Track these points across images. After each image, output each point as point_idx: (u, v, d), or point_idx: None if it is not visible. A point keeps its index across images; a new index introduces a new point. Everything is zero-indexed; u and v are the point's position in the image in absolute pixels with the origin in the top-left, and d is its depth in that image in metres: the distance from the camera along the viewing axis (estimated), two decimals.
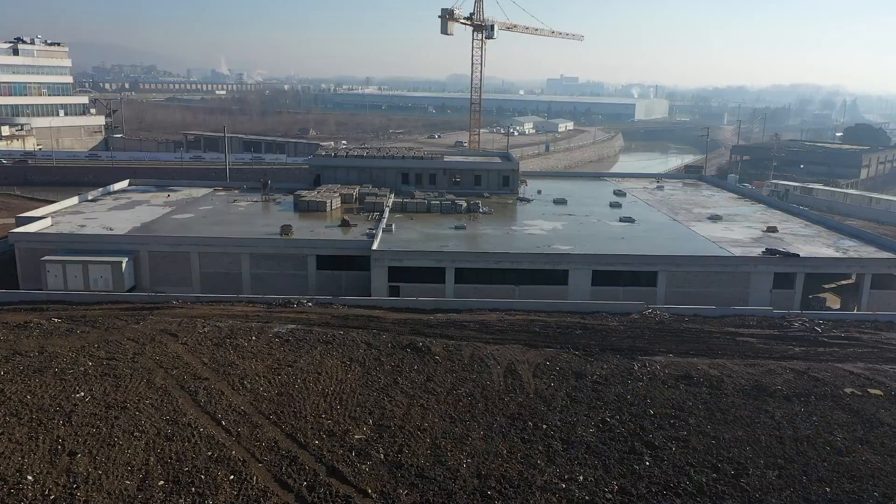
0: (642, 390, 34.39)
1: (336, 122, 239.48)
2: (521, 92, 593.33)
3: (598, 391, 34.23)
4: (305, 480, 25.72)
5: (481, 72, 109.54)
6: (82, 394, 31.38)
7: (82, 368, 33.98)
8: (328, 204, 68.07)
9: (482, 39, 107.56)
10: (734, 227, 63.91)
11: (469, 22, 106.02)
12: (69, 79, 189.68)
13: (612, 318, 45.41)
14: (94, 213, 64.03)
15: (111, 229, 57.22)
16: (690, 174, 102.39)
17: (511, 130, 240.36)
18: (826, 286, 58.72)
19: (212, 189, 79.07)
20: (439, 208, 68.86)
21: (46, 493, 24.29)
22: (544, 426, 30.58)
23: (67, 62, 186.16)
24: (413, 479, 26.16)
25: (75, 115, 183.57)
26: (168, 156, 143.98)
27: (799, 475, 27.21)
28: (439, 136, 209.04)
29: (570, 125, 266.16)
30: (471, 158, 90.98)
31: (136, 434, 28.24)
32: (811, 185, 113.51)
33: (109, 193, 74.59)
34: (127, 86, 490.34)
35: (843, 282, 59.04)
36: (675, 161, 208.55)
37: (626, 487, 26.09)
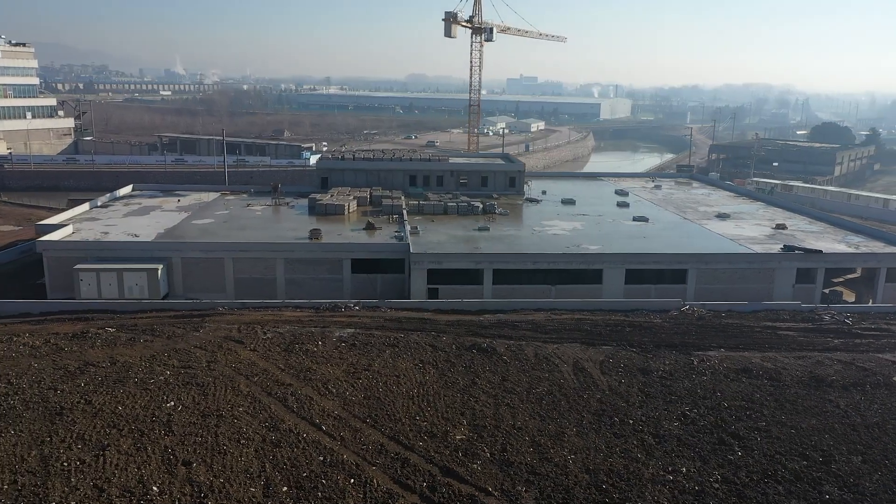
0: (709, 384, 35.85)
1: (311, 124, 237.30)
2: (484, 92, 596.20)
3: (668, 386, 35.56)
4: (424, 481, 26.34)
5: (480, 74, 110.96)
6: (172, 403, 31.31)
7: (161, 378, 33.82)
8: (346, 207, 68.18)
9: (481, 42, 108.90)
10: (744, 225, 66.25)
11: (470, 25, 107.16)
12: (36, 80, 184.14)
13: (653, 316, 46.93)
14: (110, 219, 62.89)
15: (137, 236, 56.39)
16: (682, 173, 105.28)
17: (486, 131, 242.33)
18: (834, 280, 61.39)
19: (219, 193, 78.22)
20: (456, 210, 69.57)
21: (175, 503, 24.39)
22: (630, 421, 31.74)
23: (34, 63, 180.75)
24: (527, 476, 27.01)
25: (43, 117, 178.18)
26: (148, 159, 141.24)
27: (881, 459, 28.95)
28: (415, 137, 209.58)
29: (542, 125, 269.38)
30: (473, 160, 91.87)
31: (243, 441, 28.42)
32: (791, 183, 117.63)
33: (117, 199, 73.25)
34: (81, 86, 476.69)
35: (850, 276, 61.86)
36: (649, 160, 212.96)
37: (728, 477, 27.42)
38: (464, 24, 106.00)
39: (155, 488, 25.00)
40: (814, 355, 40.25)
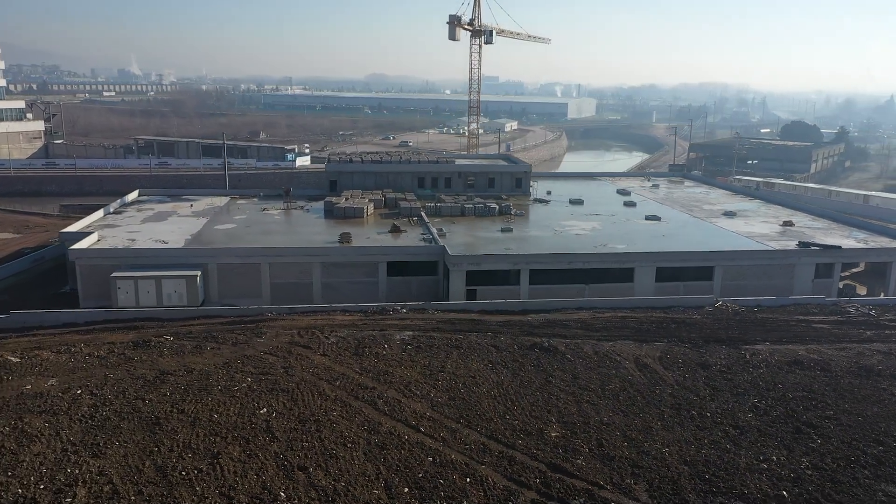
0: (767, 376, 37.52)
1: (286, 125, 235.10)
2: (447, 91, 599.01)
3: (730, 379, 37.11)
4: (536, 478, 27.22)
5: (479, 75, 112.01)
6: (265, 410, 31.53)
7: (244, 385, 33.94)
8: (365, 210, 68.49)
9: (480, 44, 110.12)
10: (753, 222, 68.74)
11: (471, 28, 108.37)
12: (2, 82, 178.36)
13: (691, 312, 48.62)
14: (129, 225, 62.01)
15: (166, 243, 55.84)
16: (675, 172, 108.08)
17: (461, 131, 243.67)
18: (841, 275, 64.15)
19: (228, 197, 77.60)
20: (473, 211, 70.50)
21: None
22: (707, 414, 33.13)
23: (0, 64, 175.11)
24: (630, 469, 28.10)
25: (11, 120, 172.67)
26: (130, 162, 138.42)
27: None
28: (393, 138, 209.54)
29: (515, 125, 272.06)
30: (476, 161, 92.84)
31: (349, 445, 28.86)
32: (772, 180, 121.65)
33: (127, 205, 72.04)
34: (35, 87, 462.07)
35: (854, 270, 64.74)
36: (627, 159, 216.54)
37: (816, 463, 28.96)
38: (465, 27, 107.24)
39: (282, 494, 25.33)
40: (853, 346, 42.36)
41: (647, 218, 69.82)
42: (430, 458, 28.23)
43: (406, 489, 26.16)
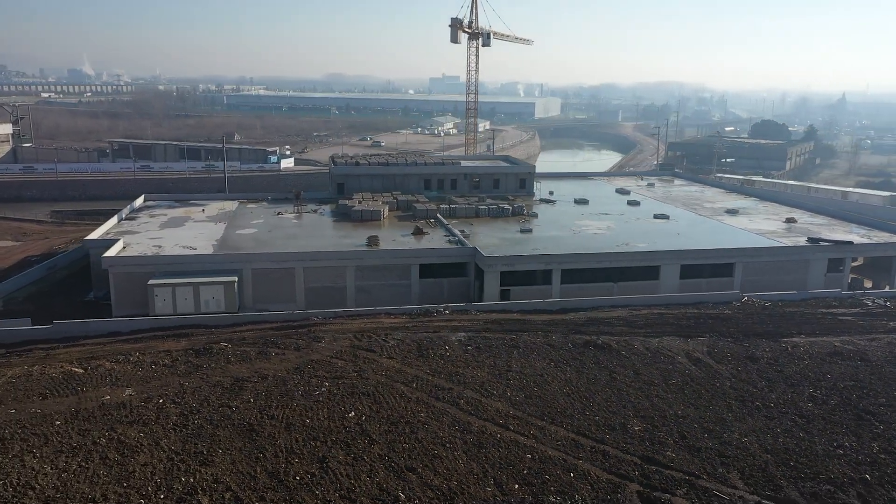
0: (814, 367, 39.44)
1: (260, 127, 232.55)
2: (411, 91, 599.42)
3: (780, 371, 38.90)
4: (634, 470, 28.36)
5: (476, 77, 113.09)
6: (353, 413, 31.98)
7: (323, 389, 34.29)
8: (382, 213, 68.90)
9: (477, 46, 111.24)
10: (756, 219, 71.34)
11: (469, 30, 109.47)
12: None
13: (722, 307, 50.48)
14: (148, 231, 61.19)
15: (194, 249, 55.41)
16: (664, 171, 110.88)
17: (437, 131, 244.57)
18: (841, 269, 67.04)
19: (237, 202, 77.01)
20: (487, 212, 71.52)
21: None
22: (771, 404, 34.78)
23: None
24: (721, 458, 29.45)
25: None
26: (112, 166, 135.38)
27: None
28: (370, 139, 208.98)
29: (488, 124, 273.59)
30: (481, 163, 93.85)
31: (448, 445, 29.56)
32: (752, 178, 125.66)
33: (136, 210, 70.91)
34: None
35: (854, 264, 67.73)
36: (602, 158, 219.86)
37: (886, 448, 30.78)
38: (466, 30, 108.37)
39: (401, 494, 25.92)
40: (882, 337, 44.68)
41: (655, 217, 71.80)
42: (529, 455, 29.12)
43: (516, 486, 27.01)
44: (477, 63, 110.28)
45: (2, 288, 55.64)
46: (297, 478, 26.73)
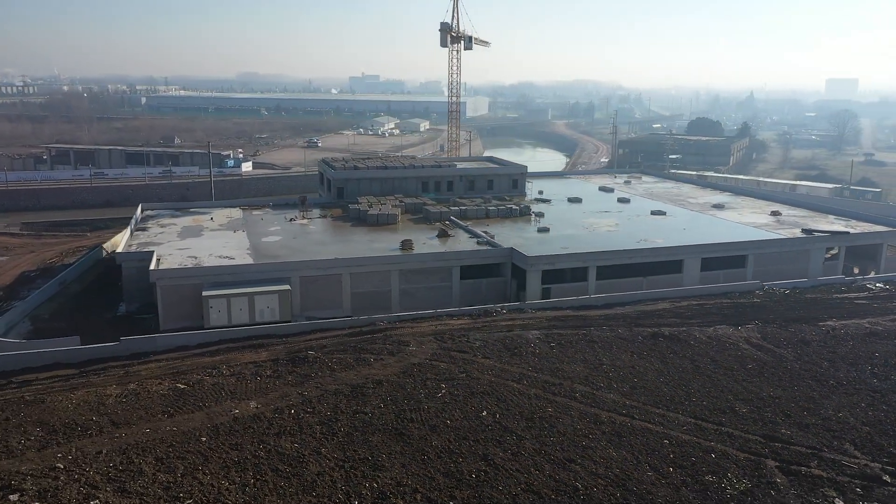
0: (861, 347, 43.49)
1: (199, 129, 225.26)
2: (334, 91, 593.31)
3: (834, 351, 42.71)
4: (765, 448, 30.98)
5: (458, 79, 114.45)
6: (485, 412, 33.18)
7: (442, 390, 35.24)
8: (398, 216, 69.57)
9: (459, 50, 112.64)
10: (744, 213, 76.44)
11: (453, 34, 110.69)
12: None
13: (750, 296, 54.38)
14: (170, 242, 59.48)
15: (232, 258, 54.56)
16: (633, 169, 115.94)
17: (381, 132, 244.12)
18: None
19: (239, 209, 75.63)
20: (497, 213, 73.36)
21: (608, 496, 27.06)
22: (844, 383, 38.34)
23: None
24: (829, 432, 32.46)
25: None
26: (62, 174, 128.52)
27: None
28: (316, 140, 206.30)
29: (427, 124, 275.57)
30: (473, 164, 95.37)
31: (590, 436, 31.29)
32: (705, 174, 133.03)
33: (142, 220, 68.51)
34: None
35: (832, 252, 73.78)
36: (543, 157, 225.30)
37: None
38: (452, 34, 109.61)
39: (577, 484, 27.46)
40: None
41: (652, 213, 75.64)
42: (666, 441, 31.25)
43: (670, 469, 29.05)
44: (458, 66, 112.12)
45: (24, 307, 53.02)
46: (473, 475, 27.80)
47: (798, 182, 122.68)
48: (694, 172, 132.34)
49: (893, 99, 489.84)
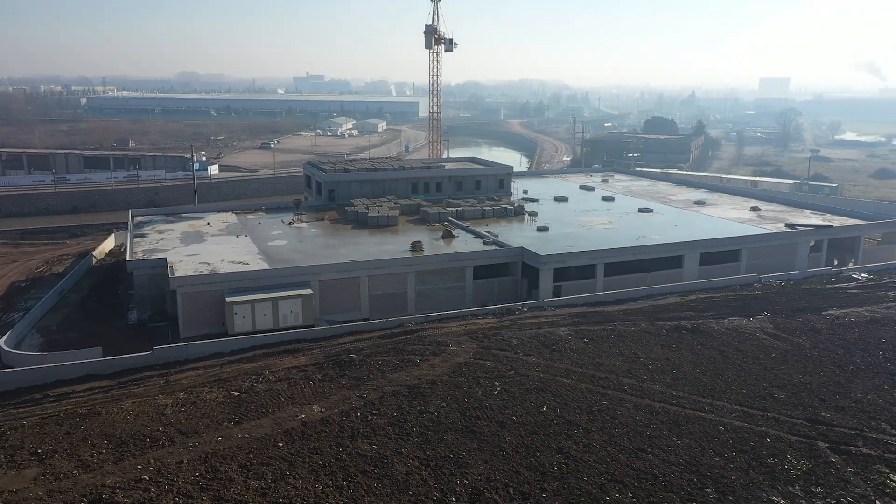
0: (867, 334, 46.28)
1: (152, 131, 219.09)
2: (281, 91, 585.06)
3: (845, 338, 45.36)
4: (811, 430, 32.95)
5: (440, 81, 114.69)
6: (545, 407, 34.16)
7: (497, 388, 36.05)
8: (397, 218, 69.90)
9: (440, 52, 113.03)
10: (725, 209, 79.68)
11: (436, 36, 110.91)
12: None
13: (752, 288, 56.97)
14: (175, 248, 58.34)
15: (246, 264, 53.99)
16: (606, 167, 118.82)
17: (340, 133, 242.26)
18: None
19: (232, 213, 74.54)
20: (492, 213, 74.46)
21: (686, 482, 28.41)
22: (862, 367, 40.88)
23: None
24: (865, 414, 34.73)
25: None
26: (23, 180, 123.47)
27: None
28: (277, 142, 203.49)
29: (385, 125, 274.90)
30: (460, 166, 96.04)
31: (651, 426, 32.67)
32: (669, 171, 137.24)
33: (138, 227, 66.83)
34: None
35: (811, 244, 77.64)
36: (503, 155, 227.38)
37: None
38: (435, 36, 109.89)
39: (656, 472, 28.72)
40: (893, 305, 52.82)
41: (640, 210, 78.09)
42: (721, 428, 32.89)
43: (734, 453, 30.65)
44: (439, 68, 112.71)
45: (30, 319, 51.29)
46: (555, 468, 28.75)
47: (758, 178, 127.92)
48: (658, 170, 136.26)
49: (826, 97, 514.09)
